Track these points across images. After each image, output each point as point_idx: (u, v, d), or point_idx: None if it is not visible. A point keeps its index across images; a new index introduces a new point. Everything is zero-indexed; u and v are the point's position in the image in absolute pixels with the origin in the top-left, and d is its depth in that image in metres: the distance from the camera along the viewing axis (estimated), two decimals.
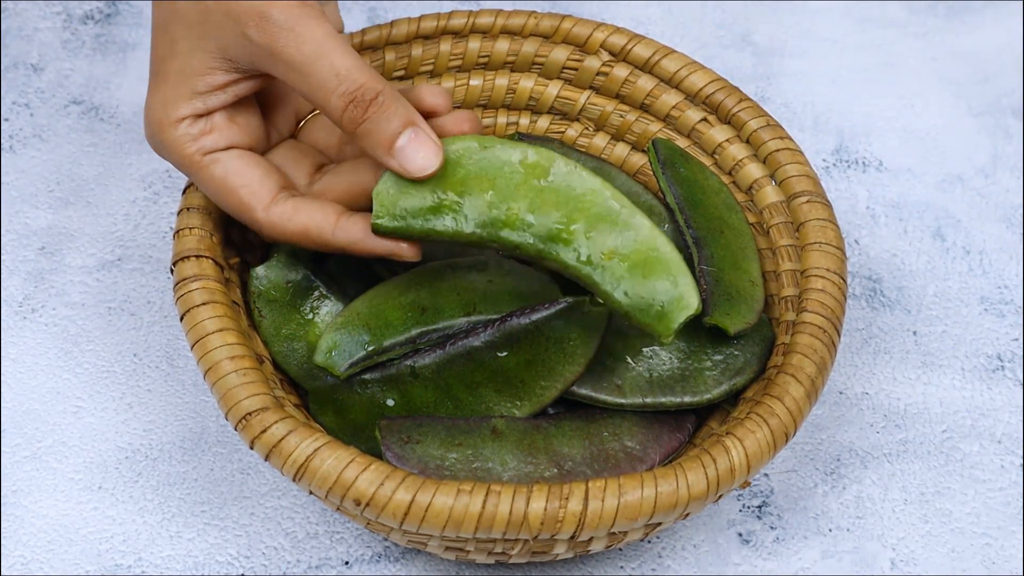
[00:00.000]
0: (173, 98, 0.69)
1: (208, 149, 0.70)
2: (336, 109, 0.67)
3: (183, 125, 0.69)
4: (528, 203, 0.68)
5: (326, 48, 0.67)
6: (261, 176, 0.70)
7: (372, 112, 0.67)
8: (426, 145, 0.67)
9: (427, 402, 0.72)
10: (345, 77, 0.67)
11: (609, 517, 0.65)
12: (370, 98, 0.67)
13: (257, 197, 0.70)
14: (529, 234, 0.68)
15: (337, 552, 0.75)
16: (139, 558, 0.74)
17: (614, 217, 0.68)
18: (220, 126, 0.70)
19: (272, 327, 0.74)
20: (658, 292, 0.68)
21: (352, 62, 0.67)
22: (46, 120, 0.89)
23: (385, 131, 0.67)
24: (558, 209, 0.68)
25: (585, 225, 0.68)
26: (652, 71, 0.80)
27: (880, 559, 0.76)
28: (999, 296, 0.85)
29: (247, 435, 0.67)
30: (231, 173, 0.70)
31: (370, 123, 0.67)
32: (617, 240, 0.68)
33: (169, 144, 0.70)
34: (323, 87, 0.67)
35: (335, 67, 0.67)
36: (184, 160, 0.70)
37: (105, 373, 0.80)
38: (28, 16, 0.94)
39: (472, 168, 0.68)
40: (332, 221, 0.69)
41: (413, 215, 0.68)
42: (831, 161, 0.91)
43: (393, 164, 0.67)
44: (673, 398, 0.72)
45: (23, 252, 0.84)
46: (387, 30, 0.81)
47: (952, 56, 0.96)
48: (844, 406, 0.81)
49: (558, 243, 0.68)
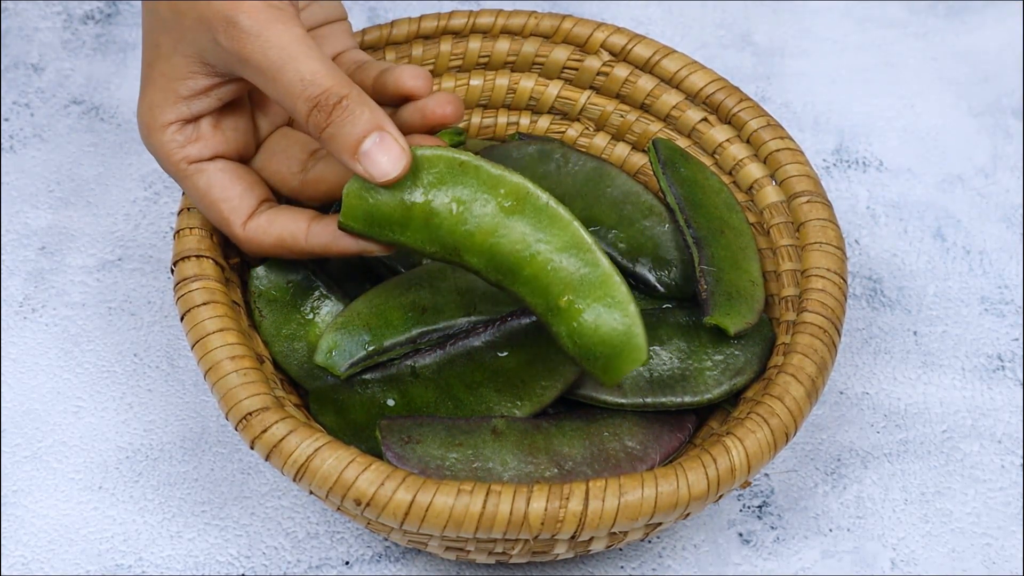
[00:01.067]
0: (160, 102, 0.69)
1: (193, 158, 0.70)
2: (301, 114, 0.66)
3: (170, 131, 0.70)
4: (493, 231, 0.67)
5: (292, 53, 0.66)
6: (242, 191, 0.71)
7: (336, 116, 0.66)
8: (391, 149, 0.66)
9: (427, 402, 0.72)
10: (310, 82, 0.66)
11: (609, 517, 0.65)
12: (334, 103, 0.66)
13: (237, 212, 0.70)
14: (491, 264, 0.67)
15: (337, 552, 0.75)
16: (139, 558, 0.74)
17: (580, 254, 0.67)
18: (206, 134, 0.70)
19: (272, 327, 0.74)
20: (607, 342, 0.66)
21: (318, 66, 0.66)
22: (46, 120, 0.89)
23: (350, 135, 0.66)
24: (522, 241, 0.67)
25: (547, 259, 0.67)
26: (652, 71, 0.80)
27: (880, 559, 0.76)
28: (999, 296, 0.85)
29: (247, 435, 0.67)
30: (213, 186, 0.70)
31: (334, 127, 0.66)
32: (576, 280, 0.67)
33: (157, 148, 0.70)
34: (289, 92, 0.66)
35: (300, 72, 0.66)
36: (171, 166, 0.70)
37: (105, 373, 0.80)
38: (28, 16, 0.94)
39: (442, 187, 0.67)
40: (304, 228, 0.70)
41: (379, 223, 0.68)
42: (831, 161, 0.91)
43: (358, 168, 0.66)
44: (673, 398, 0.72)
45: (23, 252, 0.84)
46: (387, 30, 0.81)
47: (952, 56, 0.96)
48: (844, 406, 0.81)
49: (517, 277, 0.67)
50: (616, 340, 0.66)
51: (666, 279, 0.76)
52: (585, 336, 0.67)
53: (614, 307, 0.66)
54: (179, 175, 0.71)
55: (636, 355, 0.66)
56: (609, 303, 0.66)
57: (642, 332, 0.66)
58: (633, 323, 0.66)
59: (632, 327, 0.66)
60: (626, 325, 0.66)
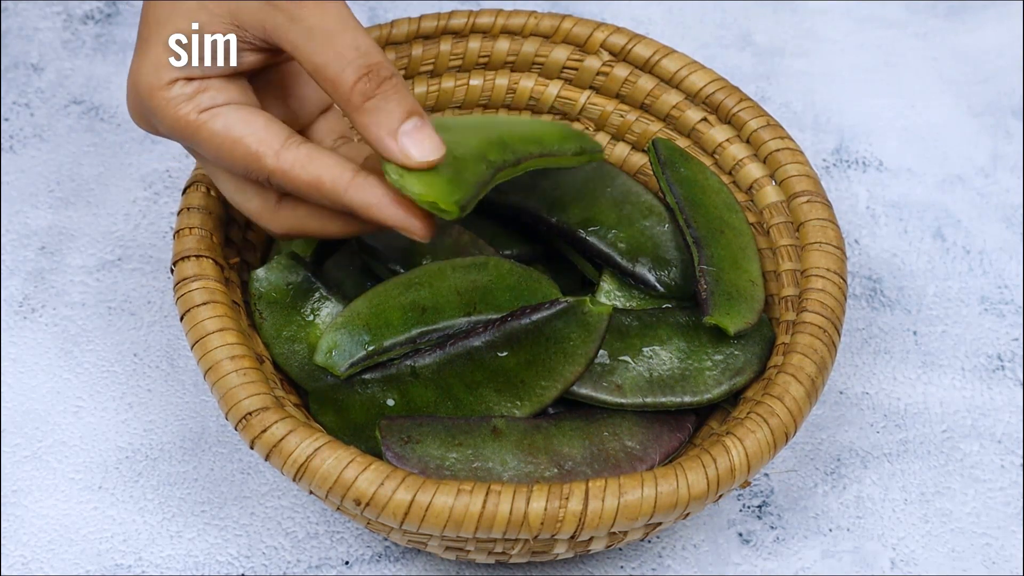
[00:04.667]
0: (166, 59, 0.66)
1: (205, 106, 0.66)
2: (348, 80, 0.65)
3: (176, 87, 0.66)
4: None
5: (350, 23, 0.65)
6: (266, 123, 0.67)
7: (385, 89, 0.65)
8: (431, 134, 0.66)
9: (427, 402, 0.72)
10: (365, 52, 0.65)
11: (609, 517, 0.65)
12: (385, 75, 0.65)
13: (266, 144, 0.66)
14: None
15: (337, 552, 0.75)
16: (139, 558, 0.74)
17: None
18: (216, 85, 0.67)
19: (273, 329, 0.74)
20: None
21: (372, 43, 0.66)
22: (46, 120, 0.89)
23: (395, 111, 0.65)
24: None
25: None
26: (652, 71, 0.80)
27: (880, 559, 0.76)
28: (999, 296, 0.85)
29: (247, 435, 0.67)
30: (233, 123, 0.66)
31: (381, 99, 0.65)
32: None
33: (161, 108, 0.66)
34: (341, 56, 0.65)
35: (357, 41, 0.65)
36: (179, 123, 0.66)
37: (105, 373, 0.80)
38: (28, 16, 0.94)
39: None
40: (348, 177, 0.66)
41: (467, 180, 0.67)
42: (831, 161, 0.91)
43: (393, 147, 0.65)
44: (673, 398, 0.72)
45: (23, 252, 0.84)
46: (387, 30, 0.81)
47: (952, 56, 0.96)
48: (844, 406, 0.81)
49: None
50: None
51: (666, 279, 0.76)
52: None
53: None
54: (189, 128, 0.66)
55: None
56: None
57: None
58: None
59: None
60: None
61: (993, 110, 0.93)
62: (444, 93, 0.82)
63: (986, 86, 0.95)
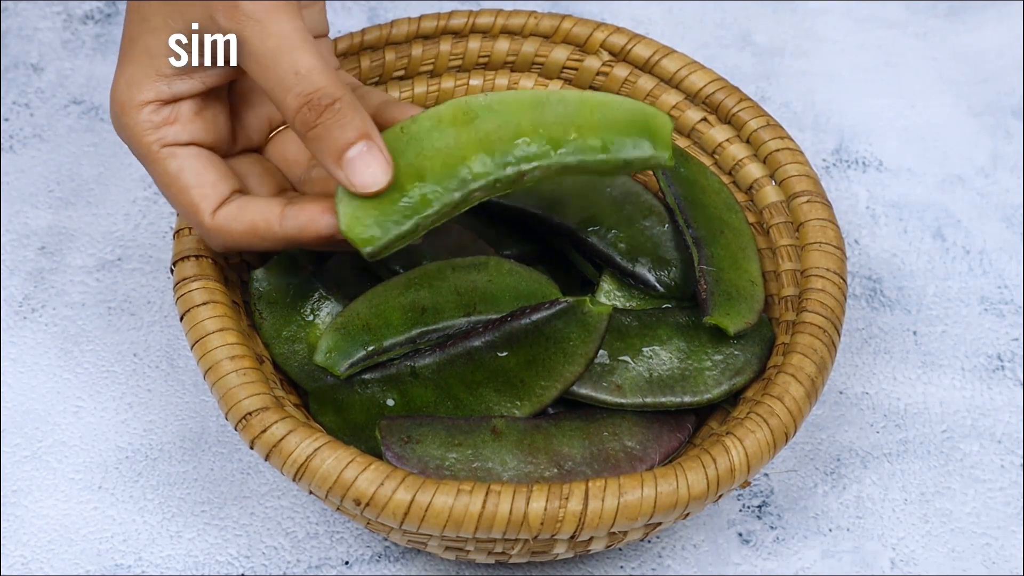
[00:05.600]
0: (139, 79, 0.67)
1: (168, 141, 0.68)
2: (291, 109, 0.65)
3: (146, 110, 0.67)
4: (475, 140, 0.66)
5: (291, 44, 0.65)
6: (215, 179, 0.68)
7: (326, 118, 0.65)
8: (377, 160, 0.65)
9: (427, 402, 0.72)
10: (304, 77, 0.65)
11: (609, 517, 0.65)
12: (326, 103, 0.65)
13: (207, 199, 0.68)
14: (512, 159, 0.67)
15: (337, 552, 0.75)
16: (139, 558, 0.74)
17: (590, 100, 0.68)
18: (184, 118, 0.68)
19: (273, 329, 0.74)
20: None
21: (315, 63, 0.65)
22: (46, 120, 0.89)
23: (338, 139, 0.65)
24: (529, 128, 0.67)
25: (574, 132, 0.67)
26: (652, 71, 0.80)
27: (880, 559, 0.76)
28: (999, 296, 0.85)
29: (247, 435, 0.67)
30: (185, 171, 0.68)
31: (322, 128, 0.65)
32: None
33: (129, 128, 0.68)
34: (281, 83, 0.65)
35: (296, 65, 0.65)
36: (141, 148, 0.68)
37: (105, 373, 0.80)
38: (28, 16, 0.94)
39: (410, 148, 0.66)
40: (277, 212, 0.67)
41: (394, 222, 0.66)
42: (831, 161, 0.91)
43: (340, 175, 0.65)
44: (673, 398, 0.72)
45: (23, 252, 0.84)
46: (387, 30, 0.81)
47: (952, 56, 0.96)
48: (844, 406, 0.81)
49: (560, 146, 0.67)
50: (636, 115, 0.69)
51: (666, 279, 0.76)
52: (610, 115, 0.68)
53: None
54: (148, 157, 0.68)
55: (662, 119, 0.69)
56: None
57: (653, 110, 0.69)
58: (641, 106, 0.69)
59: (644, 108, 0.69)
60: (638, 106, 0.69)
61: (993, 110, 0.93)
62: (444, 93, 0.82)
63: (986, 86, 0.95)
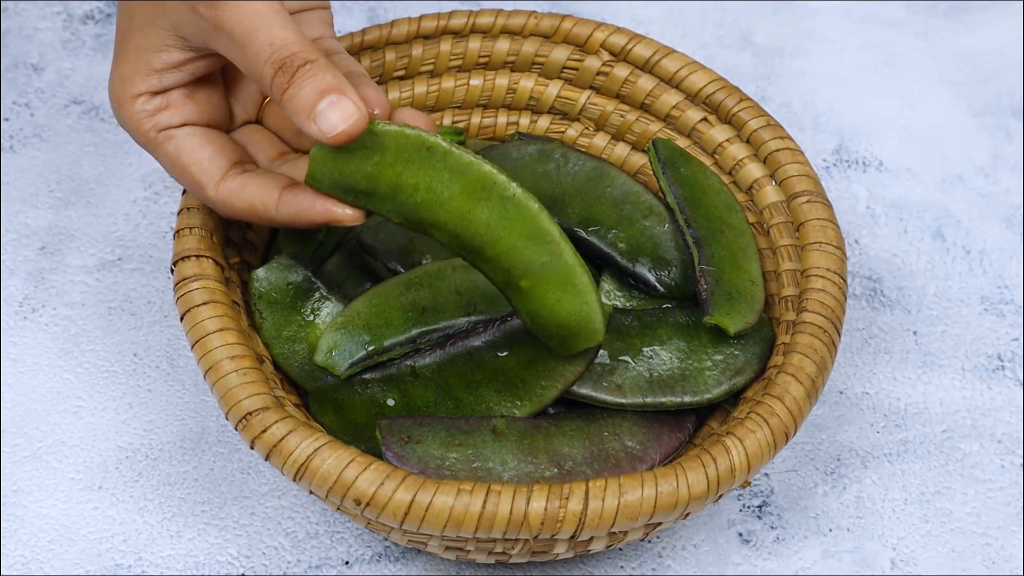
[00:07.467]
0: (131, 74, 0.69)
1: (163, 126, 0.70)
2: (267, 77, 0.66)
3: (139, 101, 0.69)
4: (458, 214, 0.67)
5: (265, 20, 0.66)
6: (212, 153, 0.70)
7: (299, 76, 0.65)
8: (345, 107, 0.65)
9: (427, 402, 0.72)
10: (280, 46, 0.65)
11: (609, 517, 0.65)
12: (299, 64, 0.65)
13: (208, 175, 0.69)
14: (455, 241, 0.68)
15: (337, 552, 0.75)
16: (139, 558, 0.74)
17: (544, 244, 0.67)
18: (176, 103, 0.70)
19: (273, 329, 0.74)
20: (564, 325, 0.68)
21: (289, 34, 0.66)
22: (46, 120, 0.89)
23: (309, 95, 0.65)
24: (486, 226, 0.67)
25: (511, 245, 0.67)
26: (652, 71, 0.80)
27: (880, 559, 0.76)
28: (999, 296, 0.85)
29: (247, 435, 0.67)
30: (183, 151, 0.70)
31: (295, 87, 0.65)
32: (538, 267, 0.67)
33: (127, 120, 0.70)
34: (258, 57, 0.66)
35: (272, 38, 0.66)
36: (141, 136, 0.70)
37: (105, 373, 0.80)
38: (28, 16, 0.94)
39: (410, 165, 0.66)
40: (275, 197, 0.68)
41: (345, 189, 0.67)
42: (831, 161, 0.91)
43: (312, 128, 0.65)
44: (673, 398, 0.72)
45: (23, 252, 0.84)
46: (387, 30, 0.81)
47: (952, 56, 0.96)
48: (844, 406, 0.81)
49: (480, 256, 0.68)
50: (573, 324, 0.68)
51: (666, 279, 0.76)
52: (542, 318, 0.68)
53: (574, 295, 0.68)
54: (150, 144, 0.70)
55: (592, 337, 0.69)
56: (570, 291, 0.68)
57: (600, 318, 0.68)
58: (592, 311, 0.68)
59: (590, 314, 0.68)
60: (584, 312, 0.68)
61: (993, 110, 0.93)
62: (444, 93, 0.82)
63: (986, 86, 0.95)
